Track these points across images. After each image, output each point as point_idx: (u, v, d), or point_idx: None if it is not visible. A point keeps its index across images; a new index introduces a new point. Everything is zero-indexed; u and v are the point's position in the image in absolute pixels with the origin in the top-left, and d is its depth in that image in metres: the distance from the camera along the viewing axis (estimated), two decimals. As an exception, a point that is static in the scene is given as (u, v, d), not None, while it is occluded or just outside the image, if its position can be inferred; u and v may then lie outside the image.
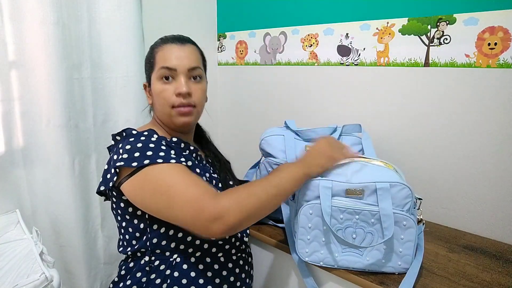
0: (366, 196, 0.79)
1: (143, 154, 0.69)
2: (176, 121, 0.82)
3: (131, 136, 0.74)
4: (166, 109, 0.81)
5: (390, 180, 0.78)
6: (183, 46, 0.83)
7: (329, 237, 0.82)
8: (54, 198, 1.11)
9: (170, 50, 0.82)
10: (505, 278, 0.81)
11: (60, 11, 1.05)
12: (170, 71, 0.80)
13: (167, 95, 0.80)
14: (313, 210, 0.81)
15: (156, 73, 0.82)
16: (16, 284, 0.67)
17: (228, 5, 1.59)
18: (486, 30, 0.96)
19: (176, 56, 0.81)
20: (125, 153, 0.70)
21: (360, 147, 1.03)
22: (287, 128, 1.08)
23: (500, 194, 1.00)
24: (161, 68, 0.80)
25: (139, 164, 0.68)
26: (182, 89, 0.79)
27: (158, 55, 0.82)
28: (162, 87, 0.81)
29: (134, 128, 0.78)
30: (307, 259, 0.84)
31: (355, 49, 1.22)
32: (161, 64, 0.81)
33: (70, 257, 1.16)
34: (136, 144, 0.71)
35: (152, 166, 0.68)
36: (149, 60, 0.85)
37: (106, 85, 1.22)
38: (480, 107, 1.00)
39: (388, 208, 0.78)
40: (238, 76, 1.61)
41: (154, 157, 0.69)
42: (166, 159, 0.70)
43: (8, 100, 1.01)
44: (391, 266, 0.81)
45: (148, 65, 0.86)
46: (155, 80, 0.82)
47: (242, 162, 1.18)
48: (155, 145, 0.71)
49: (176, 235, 0.76)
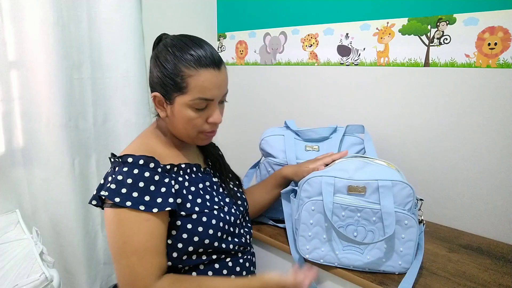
0: (368, 194, 0.80)
1: (129, 193, 0.68)
2: (198, 142, 0.81)
3: (125, 165, 0.71)
4: (192, 134, 0.78)
5: (392, 179, 0.79)
6: (220, 72, 0.75)
7: (330, 235, 0.82)
8: (54, 198, 1.11)
9: (209, 78, 0.73)
10: (505, 278, 0.81)
11: (60, 11, 1.05)
12: (207, 101, 0.75)
13: (198, 124, 0.76)
14: (315, 206, 0.82)
15: (189, 100, 0.73)
16: (16, 284, 0.67)
17: (228, 5, 1.59)
18: (486, 30, 0.96)
19: (215, 85, 0.74)
20: (113, 183, 0.69)
21: (362, 147, 1.03)
22: (287, 128, 1.08)
23: (500, 194, 1.00)
24: (198, 99, 0.73)
25: (120, 203, 0.67)
26: (218, 120, 0.78)
27: (193, 81, 0.72)
28: (194, 115, 0.75)
29: (130, 155, 0.72)
30: (307, 256, 0.84)
31: (355, 49, 1.22)
32: (199, 94, 0.73)
33: (70, 257, 1.16)
34: (127, 179, 0.69)
35: (130, 210, 0.68)
36: (176, 80, 0.73)
37: (106, 85, 1.22)
38: (480, 107, 1.00)
39: (390, 206, 0.78)
40: (238, 76, 1.61)
41: (137, 201, 0.68)
42: (149, 206, 0.68)
43: (8, 100, 1.01)
44: (391, 265, 0.81)
45: (174, 85, 0.73)
46: (184, 105, 0.74)
47: (242, 162, 1.18)
48: (145, 185, 0.69)
49: (187, 248, 0.74)
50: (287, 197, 0.94)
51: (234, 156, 1.60)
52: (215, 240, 0.76)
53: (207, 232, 0.75)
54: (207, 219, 0.76)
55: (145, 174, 0.70)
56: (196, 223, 0.74)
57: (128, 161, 0.71)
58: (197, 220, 0.74)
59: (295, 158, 1.01)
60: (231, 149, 1.69)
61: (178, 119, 0.77)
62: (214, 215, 0.77)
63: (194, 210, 0.75)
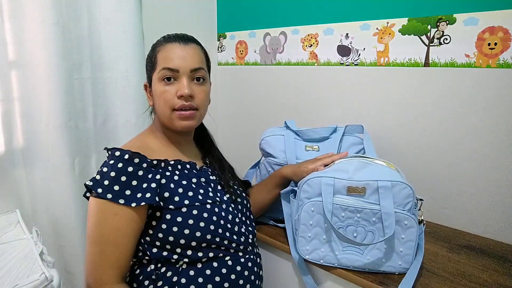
0: (368, 194, 0.79)
1: (110, 187, 0.71)
2: (176, 125, 0.80)
3: (112, 158, 0.73)
4: (167, 112, 0.79)
5: (392, 179, 0.79)
6: (186, 46, 0.79)
7: (330, 235, 0.82)
8: (54, 198, 1.11)
9: (173, 49, 0.79)
10: (505, 278, 0.81)
11: (60, 11, 1.05)
12: (172, 72, 0.77)
13: (168, 97, 0.78)
14: (315, 207, 0.81)
15: (157, 73, 0.79)
16: (16, 284, 0.66)
17: (228, 5, 1.59)
18: (486, 30, 0.96)
19: (179, 56, 0.78)
20: (99, 174, 0.73)
21: (362, 147, 1.03)
22: (287, 128, 1.08)
23: (500, 194, 1.00)
24: (162, 69, 0.78)
25: (101, 194, 0.70)
26: (184, 91, 0.77)
27: (160, 55, 0.79)
28: (163, 88, 0.78)
29: (119, 148, 0.75)
30: (307, 257, 0.84)
31: (355, 49, 1.22)
32: (163, 64, 0.78)
33: (70, 257, 1.15)
34: (110, 172, 0.71)
35: (108, 202, 0.70)
36: (151, 60, 0.82)
37: (106, 85, 1.22)
38: (480, 107, 1.00)
39: (390, 207, 0.78)
40: (238, 76, 1.61)
41: (118, 194, 0.70)
42: (129, 201, 0.70)
43: (8, 100, 1.01)
44: (391, 265, 0.81)
45: (150, 64, 0.82)
46: (156, 81, 0.80)
47: (242, 162, 1.18)
48: (127, 179, 0.71)
49: (179, 241, 0.75)
50: (286, 198, 0.94)
51: (234, 156, 1.59)
52: (207, 233, 0.75)
53: (197, 225, 0.75)
54: (198, 212, 0.76)
55: (128, 169, 0.72)
56: (186, 216, 0.74)
57: (115, 155, 0.73)
58: (187, 213, 0.75)
59: (295, 158, 1.01)
60: (231, 149, 1.69)
61: (155, 99, 0.81)
62: (207, 209, 0.77)
63: (184, 203, 0.75)
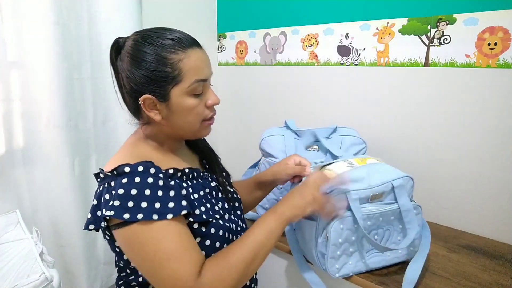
0: (384, 196, 0.79)
1: (137, 205, 0.61)
2: (203, 133, 0.75)
3: (124, 177, 0.62)
4: (196, 124, 0.71)
5: (400, 176, 0.79)
6: (203, 50, 0.71)
7: (356, 246, 0.80)
8: (54, 198, 1.11)
9: (200, 57, 0.68)
10: (505, 278, 0.81)
11: (60, 11, 1.05)
12: (204, 83, 0.69)
13: (200, 110, 0.70)
14: (344, 224, 0.77)
15: (187, 87, 0.67)
16: (16, 284, 0.67)
17: (228, 5, 1.59)
18: (486, 30, 0.96)
19: (206, 63, 0.70)
20: (117, 199, 0.61)
21: (362, 147, 1.03)
22: (287, 128, 1.08)
23: (500, 194, 1.00)
24: (196, 82, 0.67)
25: (131, 218, 0.60)
26: (217, 100, 0.72)
27: (184, 65, 0.66)
28: (195, 102, 0.69)
29: (126, 164, 0.64)
30: (337, 275, 0.81)
31: (355, 49, 1.22)
32: (195, 76, 0.67)
33: (70, 257, 1.16)
34: (130, 190, 0.61)
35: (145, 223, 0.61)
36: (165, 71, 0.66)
37: (106, 85, 1.22)
38: (480, 107, 1.00)
39: (408, 204, 0.79)
40: (238, 76, 1.61)
41: (149, 210, 0.61)
42: (162, 214, 0.62)
43: (8, 100, 1.01)
44: (407, 254, 0.83)
45: (167, 78, 0.66)
46: (182, 95, 0.67)
47: (242, 162, 1.18)
48: (152, 191, 0.62)
49: None
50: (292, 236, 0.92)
51: (234, 156, 1.60)
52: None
53: (213, 245, 0.70)
54: (215, 231, 0.70)
55: (148, 181, 0.63)
56: (205, 236, 0.69)
57: (126, 171, 0.63)
58: (206, 232, 0.69)
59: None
60: (231, 149, 1.70)
61: (178, 115, 0.69)
62: (220, 224, 0.72)
63: (202, 218, 0.68)
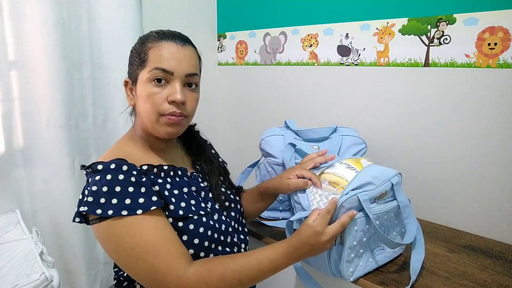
0: (387, 195, 0.80)
1: (108, 202, 0.62)
2: (160, 131, 0.72)
3: (97, 174, 0.65)
4: (153, 116, 0.71)
5: (394, 173, 0.80)
6: (183, 47, 0.72)
7: (365, 246, 0.80)
8: (54, 198, 1.11)
9: (169, 49, 0.70)
10: (505, 278, 0.81)
11: (60, 11, 1.05)
12: (165, 73, 0.69)
13: (157, 101, 0.70)
14: (358, 225, 0.76)
15: (147, 72, 0.70)
16: (16, 284, 0.67)
17: (228, 5, 1.59)
18: (486, 30, 0.96)
19: (175, 57, 0.70)
20: (90, 195, 0.64)
21: (362, 147, 1.03)
22: (287, 128, 1.08)
23: (500, 194, 1.00)
24: (155, 69, 0.69)
25: (103, 213, 0.62)
26: (177, 97, 0.69)
27: (152, 52, 0.70)
28: (152, 90, 0.70)
29: (100, 162, 0.67)
30: (351, 279, 0.79)
31: (355, 49, 1.22)
32: (156, 64, 0.69)
33: (70, 257, 1.16)
34: (102, 187, 0.63)
35: (116, 218, 0.62)
36: (139, 55, 0.72)
37: (106, 85, 1.22)
38: (480, 107, 1.00)
39: (405, 199, 0.80)
40: (238, 76, 1.61)
41: (119, 206, 0.62)
42: (132, 209, 0.63)
43: (8, 100, 1.01)
44: (401, 248, 0.86)
45: (137, 60, 0.72)
46: (144, 80, 0.71)
47: (242, 162, 1.18)
48: (122, 188, 0.63)
49: None
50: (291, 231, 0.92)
51: (234, 156, 1.60)
52: (201, 251, 0.70)
53: (192, 241, 0.68)
54: (194, 227, 0.69)
55: (119, 177, 0.64)
56: (181, 231, 0.68)
57: (98, 169, 0.66)
58: (183, 228, 0.68)
59: (294, 159, 1.01)
60: (231, 149, 1.70)
61: (139, 100, 0.73)
62: (202, 222, 0.71)
63: (178, 214, 0.68)
